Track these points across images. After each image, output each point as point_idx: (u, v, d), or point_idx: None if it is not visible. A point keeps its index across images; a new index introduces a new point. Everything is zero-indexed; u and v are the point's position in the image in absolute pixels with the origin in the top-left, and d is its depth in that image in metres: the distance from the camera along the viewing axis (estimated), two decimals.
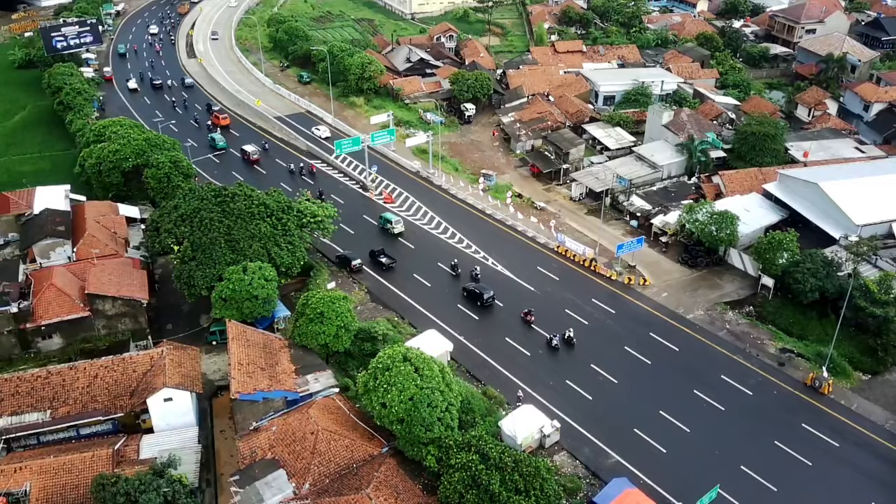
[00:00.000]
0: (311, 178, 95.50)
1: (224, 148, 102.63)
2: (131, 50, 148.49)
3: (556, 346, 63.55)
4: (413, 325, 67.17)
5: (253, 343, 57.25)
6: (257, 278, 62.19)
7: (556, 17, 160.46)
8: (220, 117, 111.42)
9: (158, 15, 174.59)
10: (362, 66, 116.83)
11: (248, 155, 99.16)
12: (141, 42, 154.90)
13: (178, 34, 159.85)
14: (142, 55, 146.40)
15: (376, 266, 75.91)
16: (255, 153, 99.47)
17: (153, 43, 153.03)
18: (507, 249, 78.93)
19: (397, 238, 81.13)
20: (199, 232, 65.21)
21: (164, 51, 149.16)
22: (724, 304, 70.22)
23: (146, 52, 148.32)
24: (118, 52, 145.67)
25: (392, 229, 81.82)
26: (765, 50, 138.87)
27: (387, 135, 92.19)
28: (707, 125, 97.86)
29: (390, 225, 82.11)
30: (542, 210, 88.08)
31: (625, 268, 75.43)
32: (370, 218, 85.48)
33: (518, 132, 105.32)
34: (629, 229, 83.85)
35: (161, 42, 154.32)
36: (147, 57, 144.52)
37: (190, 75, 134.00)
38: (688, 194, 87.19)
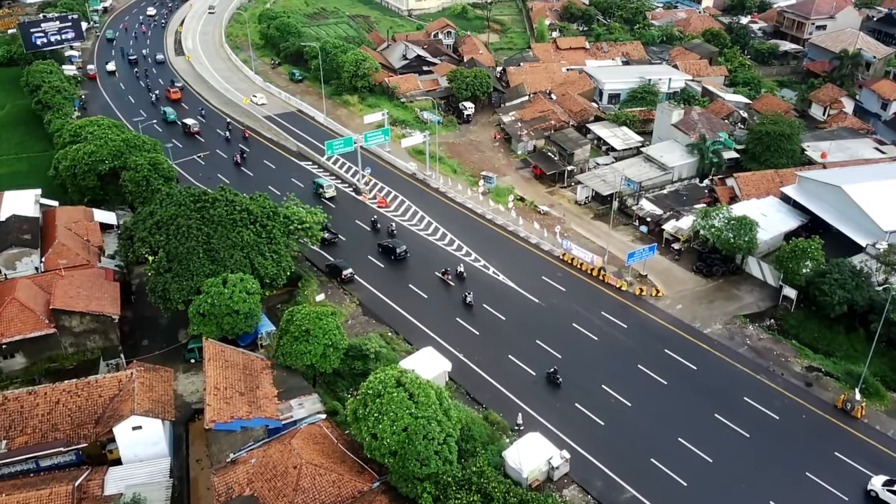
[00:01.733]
0: (244, 143, 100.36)
1: (174, 121, 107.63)
2: (122, 30, 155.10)
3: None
4: (408, 342, 62.08)
5: (232, 364, 52.14)
6: (238, 291, 57.14)
7: (558, 13, 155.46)
8: (172, 91, 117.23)
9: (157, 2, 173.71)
10: (356, 63, 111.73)
11: (189, 127, 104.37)
12: (134, 23, 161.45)
13: (171, 19, 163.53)
14: (129, 35, 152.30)
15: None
16: (195, 125, 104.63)
17: (143, 23, 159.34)
18: (510, 257, 73.87)
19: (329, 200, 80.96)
20: (175, 241, 60.07)
21: (154, 34, 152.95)
22: (743, 317, 65.19)
23: (135, 31, 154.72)
24: (107, 37, 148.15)
25: (324, 193, 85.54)
26: (774, 47, 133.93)
27: (381, 135, 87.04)
28: (719, 124, 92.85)
29: (322, 189, 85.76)
30: (546, 214, 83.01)
31: (635, 277, 70.41)
32: (363, 223, 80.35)
33: (519, 132, 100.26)
34: (638, 235, 78.84)
35: (154, 23, 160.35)
36: (132, 33, 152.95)
37: (167, 56, 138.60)
38: (700, 198, 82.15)
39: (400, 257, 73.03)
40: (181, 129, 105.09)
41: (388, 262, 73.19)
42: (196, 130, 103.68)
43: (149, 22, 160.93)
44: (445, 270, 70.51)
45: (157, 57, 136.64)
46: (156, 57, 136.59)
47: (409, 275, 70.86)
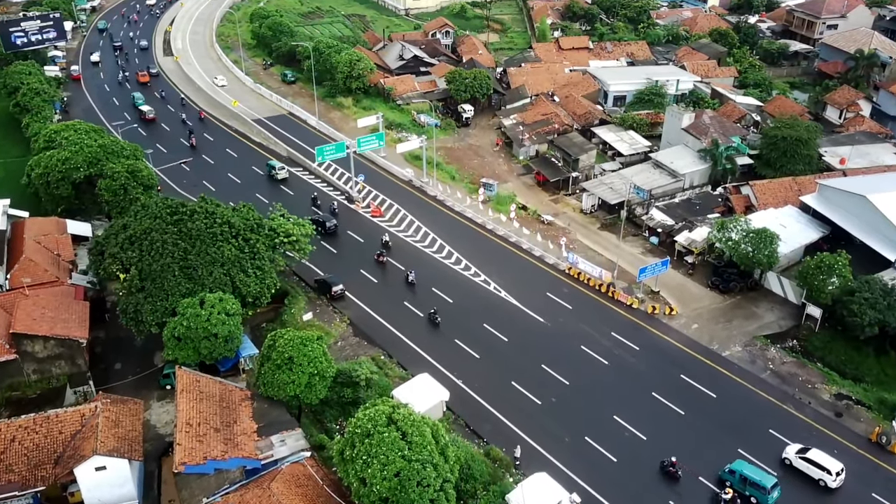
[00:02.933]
0: (200, 125, 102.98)
1: (143, 104, 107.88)
2: (119, 17, 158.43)
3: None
4: (402, 366, 57.30)
5: (207, 396, 47.31)
6: (216, 313, 52.26)
7: (559, 13, 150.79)
8: (141, 75, 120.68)
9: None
10: (350, 63, 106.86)
11: (145, 115, 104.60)
12: (131, 13, 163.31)
13: (168, 11, 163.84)
14: (122, 22, 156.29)
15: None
16: (151, 112, 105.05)
17: (137, 11, 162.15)
18: (512, 272, 69.09)
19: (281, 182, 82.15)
20: (148, 257, 55.19)
21: (147, 23, 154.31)
22: (764, 338, 60.44)
23: (128, 18, 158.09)
24: (98, 27, 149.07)
25: (276, 175, 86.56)
26: (784, 47, 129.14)
27: (375, 140, 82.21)
28: (731, 128, 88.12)
29: (275, 171, 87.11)
30: (550, 224, 78.24)
31: (647, 294, 65.67)
32: (356, 234, 75.54)
33: (521, 136, 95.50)
34: (648, 247, 74.10)
35: (150, 12, 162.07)
36: (126, 19, 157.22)
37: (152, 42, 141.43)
38: (714, 207, 77.39)
39: (329, 231, 75.05)
40: (139, 116, 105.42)
41: (382, 276, 68.46)
42: (152, 117, 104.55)
43: (148, 10, 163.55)
44: (381, 253, 71.20)
45: (142, 43, 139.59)
46: (140, 43, 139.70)
47: (404, 292, 66.01)
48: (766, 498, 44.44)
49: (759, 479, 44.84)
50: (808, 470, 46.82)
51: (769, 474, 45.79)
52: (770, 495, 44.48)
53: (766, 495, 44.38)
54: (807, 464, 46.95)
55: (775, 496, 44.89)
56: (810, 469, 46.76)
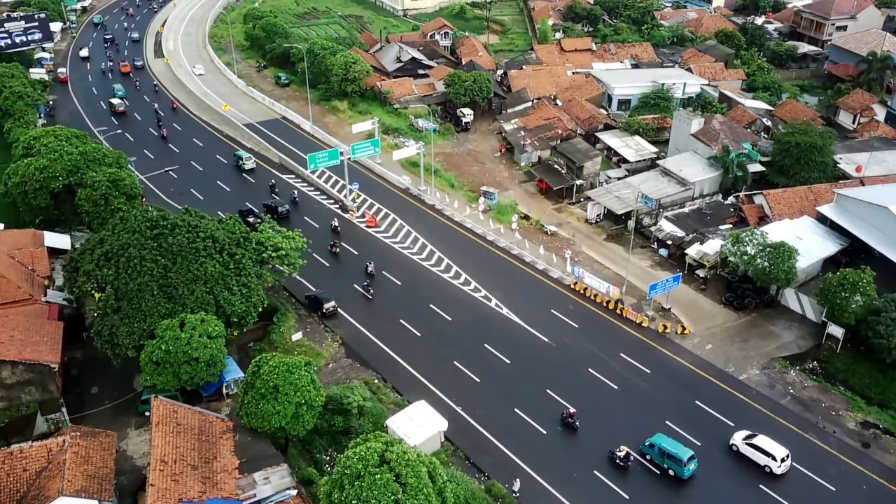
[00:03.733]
0: (172, 114, 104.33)
1: (123, 97, 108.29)
2: (118, 10, 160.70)
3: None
4: (398, 391, 53.63)
5: (185, 430, 43.65)
6: (198, 335, 48.68)
7: (561, 13, 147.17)
8: (122, 65, 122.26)
9: None
10: (346, 66, 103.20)
11: (115, 107, 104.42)
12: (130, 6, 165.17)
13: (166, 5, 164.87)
14: (119, 16, 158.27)
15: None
16: (121, 105, 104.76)
17: (139, 6, 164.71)
18: (514, 287, 65.44)
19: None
20: (125, 275, 51.52)
21: (144, 17, 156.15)
22: (782, 360, 56.79)
23: (126, 14, 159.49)
24: (94, 21, 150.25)
25: (243, 165, 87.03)
26: (792, 48, 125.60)
27: (370, 146, 78.50)
28: (742, 134, 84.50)
29: (241, 161, 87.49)
30: (554, 235, 74.60)
31: (657, 311, 62.05)
32: (351, 247, 71.84)
33: (522, 141, 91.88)
34: (657, 259, 70.51)
35: (148, 7, 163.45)
36: (125, 11, 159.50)
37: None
38: (726, 217, 73.76)
39: (282, 216, 75.68)
40: (108, 108, 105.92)
41: (376, 294, 64.64)
42: (122, 110, 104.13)
43: (147, 4, 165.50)
44: (334, 243, 71.03)
45: (133, 35, 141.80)
46: (131, 35, 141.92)
47: (400, 308, 62.32)
48: (683, 470, 45.29)
49: (675, 452, 45.64)
50: (755, 456, 46.84)
51: (686, 448, 46.18)
52: (686, 467, 45.30)
53: (683, 467, 45.25)
54: (753, 450, 46.96)
55: (692, 468, 45.73)
56: (756, 455, 46.79)
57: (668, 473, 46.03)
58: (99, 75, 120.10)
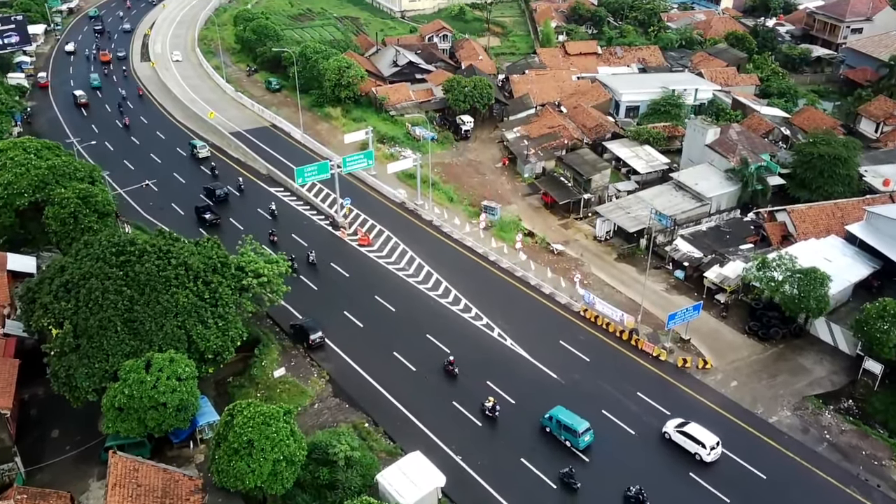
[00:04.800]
0: (139, 102, 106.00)
1: (98, 87, 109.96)
2: (111, 8, 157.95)
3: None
4: (390, 437, 48.29)
5: (146, 491, 38.28)
6: (165, 378, 43.39)
7: (564, 15, 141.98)
8: (102, 54, 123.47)
9: None
10: (339, 70, 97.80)
11: (77, 99, 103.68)
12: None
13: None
14: (115, 10, 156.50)
15: (201, 223, 72.92)
16: (83, 97, 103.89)
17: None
18: (518, 313, 60.12)
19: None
20: (86, 309, 46.16)
21: (142, 10, 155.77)
22: (815, 399, 51.51)
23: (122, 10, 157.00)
24: (89, 14, 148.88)
25: (198, 153, 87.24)
26: (806, 52, 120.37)
27: (363, 158, 73.06)
28: (760, 144, 79.27)
29: (196, 150, 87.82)
30: (561, 255, 69.31)
31: (676, 342, 56.73)
32: (340, 267, 66.49)
33: (525, 151, 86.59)
34: (673, 282, 65.24)
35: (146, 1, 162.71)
36: (118, 9, 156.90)
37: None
38: (746, 236, 68.52)
39: (220, 199, 76.98)
40: (72, 100, 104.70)
41: (368, 321, 59.32)
42: (84, 102, 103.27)
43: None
44: (272, 232, 70.88)
45: (125, 26, 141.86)
46: (123, 26, 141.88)
47: (394, 339, 56.90)
48: (577, 440, 46.26)
49: (571, 423, 46.54)
50: (685, 444, 46.58)
51: (582, 420, 46.89)
52: (581, 438, 46.20)
53: (577, 438, 46.22)
54: (684, 437, 46.72)
55: (587, 440, 46.58)
56: (686, 443, 46.53)
57: (566, 445, 46.92)
58: (78, 67, 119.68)
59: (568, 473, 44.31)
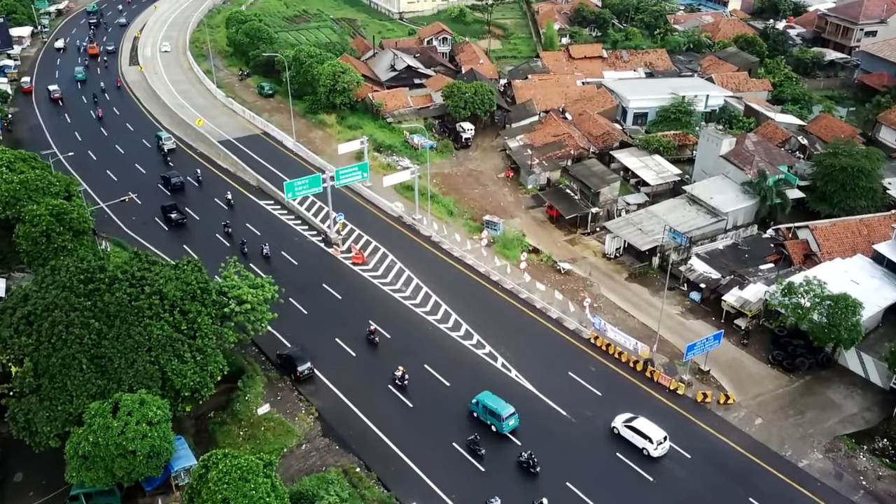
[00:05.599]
0: (116, 92, 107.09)
1: (83, 80, 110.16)
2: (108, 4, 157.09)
3: None
4: (384, 484, 43.93)
5: None
6: (134, 423, 39.18)
7: (567, 17, 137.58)
8: (89, 47, 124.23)
9: None
10: (334, 75, 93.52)
11: (51, 94, 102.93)
12: None
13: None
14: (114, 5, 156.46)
15: (168, 222, 71.94)
16: (57, 92, 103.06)
17: None
18: (523, 341, 55.82)
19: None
20: (48, 345, 41.96)
21: (142, 4, 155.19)
22: (848, 439, 47.28)
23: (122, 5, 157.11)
24: (87, 10, 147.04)
25: (163, 146, 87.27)
26: (819, 55, 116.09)
27: (357, 171, 68.69)
28: (778, 155, 75.01)
29: (161, 142, 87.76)
30: (568, 274, 65.06)
31: (694, 374, 52.46)
32: (332, 288, 62.18)
33: (529, 161, 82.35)
34: (689, 305, 61.03)
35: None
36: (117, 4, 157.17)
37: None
38: (766, 255, 64.25)
39: (176, 187, 77.64)
40: (47, 96, 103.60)
41: (361, 349, 55.04)
42: (57, 97, 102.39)
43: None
44: (227, 224, 70.67)
45: (120, 20, 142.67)
46: (118, 20, 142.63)
47: (389, 370, 52.45)
48: (502, 424, 46.49)
49: (496, 408, 46.79)
50: (633, 438, 46.10)
51: (508, 405, 47.00)
52: (505, 422, 46.44)
53: (502, 422, 46.44)
54: (631, 432, 46.24)
55: (511, 424, 46.75)
56: (634, 438, 46.05)
57: (492, 429, 46.91)
58: (66, 63, 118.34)
59: (473, 440, 45.63)
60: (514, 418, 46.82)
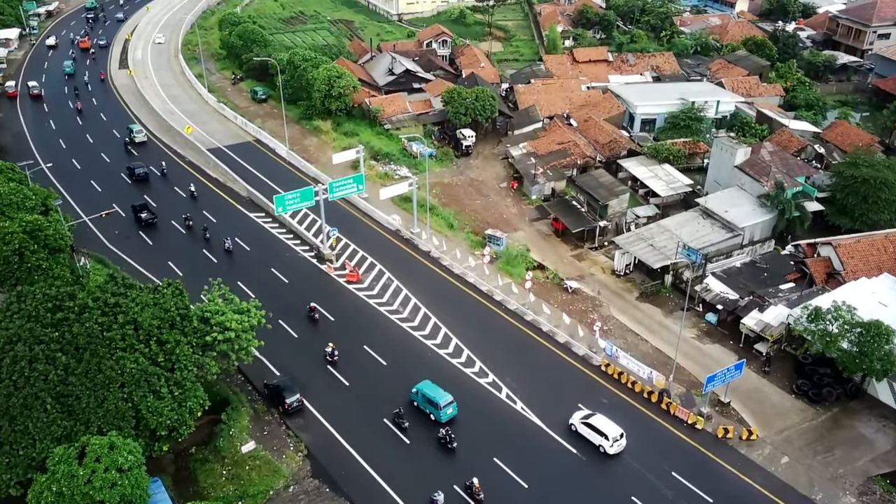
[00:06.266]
0: (100, 84, 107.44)
1: (71, 73, 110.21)
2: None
3: None
4: None
5: None
6: (103, 470, 35.49)
7: (570, 19, 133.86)
8: (80, 41, 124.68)
9: None
10: (329, 80, 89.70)
11: (30, 90, 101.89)
12: None
13: None
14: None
15: (138, 222, 70.36)
16: (36, 88, 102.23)
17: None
18: (529, 368, 52.06)
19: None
20: (8, 383, 38.24)
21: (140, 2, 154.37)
22: (882, 480, 43.62)
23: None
24: (86, 6, 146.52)
25: (134, 138, 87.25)
26: (831, 59, 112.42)
27: (352, 183, 64.88)
28: (795, 165, 71.29)
29: (133, 134, 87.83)
30: (575, 293, 61.35)
31: (713, 406, 48.73)
32: (325, 309, 58.19)
33: (533, 170, 78.67)
34: (704, 327, 57.28)
35: None
36: None
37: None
38: (786, 273, 60.53)
39: (140, 178, 78.05)
40: (27, 92, 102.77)
41: (355, 377, 51.24)
42: (37, 93, 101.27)
43: None
44: (188, 216, 70.10)
45: (118, 15, 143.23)
46: (116, 15, 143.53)
47: (384, 400, 48.75)
48: (440, 413, 46.42)
49: (434, 396, 46.83)
50: (589, 435, 45.49)
51: (446, 393, 46.97)
52: (443, 410, 46.38)
53: (440, 410, 46.40)
54: (588, 429, 45.62)
55: (449, 412, 46.64)
56: (591, 435, 45.45)
57: (430, 418, 46.84)
58: (55, 60, 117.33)
59: (398, 414, 46.97)
60: (451, 407, 46.73)
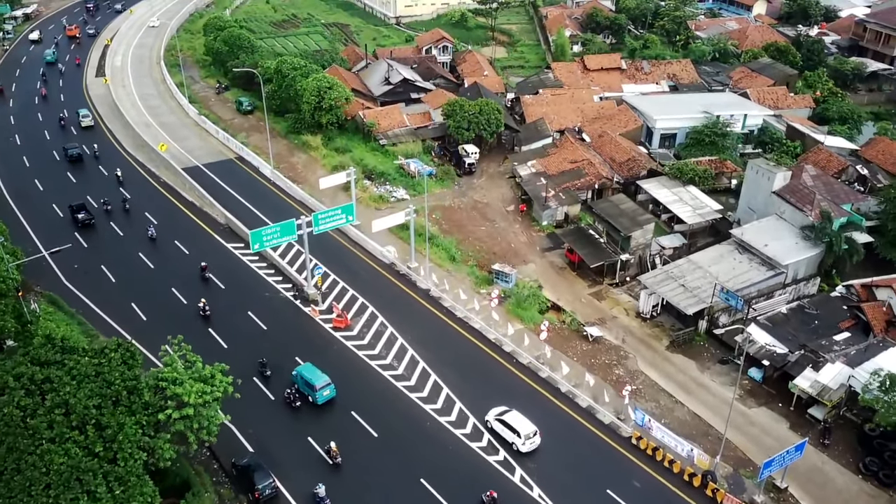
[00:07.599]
0: (75, 69, 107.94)
1: (53, 62, 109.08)
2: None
3: None
4: None
5: None
6: None
7: (579, 22, 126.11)
8: (68, 29, 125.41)
9: None
10: (319, 91, 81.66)
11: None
12: None
13: None
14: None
15: (75, 223, 66.61)
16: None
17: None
18: (548, 443, 43.84)
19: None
20: None
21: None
22: None
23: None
24: (86, 4, 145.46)
25: (81, 122, 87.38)
26: (860, 66, 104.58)
27: (341, 213, 56.88)
28: (841, 191, 63.52)
29: (80, 118, 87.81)
30: (597, 342, 53.46)
31: (768, 491, 40.83)
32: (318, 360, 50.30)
33: (543, 192, 70.92)
34: (747, 384, 49.38)
35: None
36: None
37: None
38: (839, 320, 52.64)
39: (73, 157, 78.98)
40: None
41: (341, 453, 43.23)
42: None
43: None
44: (124, 200, 70.36)
45: (116, 6, 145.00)
46: (115, 6, 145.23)
47: (378, 484, 40.90)
48: (316, 395, 45.97)
49: (310, 378, 46.47)
50: (503, 432, 44.18)
51: (323, 374, 46.69)
52: (319, 392, 45.92)
53: (316, 392, 45.93)
54: (502, 426, 44.34)
55: (326, 394, 46.20)
56: (505, 431, 44.13)
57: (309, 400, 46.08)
58: (35, 55, 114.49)
59: (262, 363, 48.05)
60: (329, 388, 46.32)
